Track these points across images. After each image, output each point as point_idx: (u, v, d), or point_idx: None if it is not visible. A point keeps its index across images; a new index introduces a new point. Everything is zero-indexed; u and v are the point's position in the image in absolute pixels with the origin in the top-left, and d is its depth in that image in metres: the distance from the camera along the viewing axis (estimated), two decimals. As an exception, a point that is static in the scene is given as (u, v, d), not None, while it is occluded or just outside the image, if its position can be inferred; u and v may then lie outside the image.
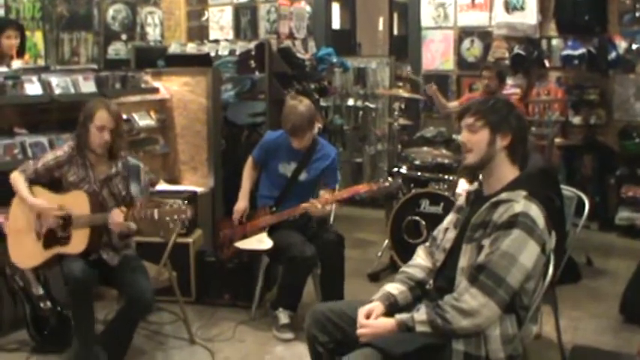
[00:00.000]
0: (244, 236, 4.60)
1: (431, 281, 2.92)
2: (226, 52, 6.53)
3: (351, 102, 8.22)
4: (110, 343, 3.81)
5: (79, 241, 3.72)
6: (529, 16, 7.20)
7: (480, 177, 2.85)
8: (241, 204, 4.69)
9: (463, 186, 5.18)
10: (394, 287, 2.90)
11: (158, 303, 4.65)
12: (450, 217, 2.97)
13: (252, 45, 6.39)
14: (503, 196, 2.65)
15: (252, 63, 6.27)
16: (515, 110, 2.82)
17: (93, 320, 3.77)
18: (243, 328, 4.60)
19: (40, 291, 4.08)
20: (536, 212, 2.60)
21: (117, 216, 3.65)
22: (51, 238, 3.81)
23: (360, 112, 8.22)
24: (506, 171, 2.75)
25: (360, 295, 4.38)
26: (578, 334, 4.45)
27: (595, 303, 5.01)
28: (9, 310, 4.33)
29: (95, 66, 6.15)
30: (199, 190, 5.48)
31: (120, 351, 3.85)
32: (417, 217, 5.41)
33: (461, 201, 2.96)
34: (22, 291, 4.13)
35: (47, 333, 4.10)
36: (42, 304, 4.07)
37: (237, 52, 6.42)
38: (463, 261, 2.68)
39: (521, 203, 2.59)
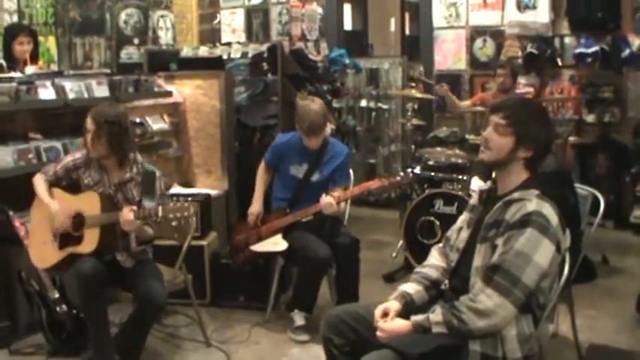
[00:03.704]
0: (260, 239, 4.60)
1: (446, 281, 2.91)
2: (238, 55, 6.52)
3: (363, 103, 8.22)
4: (124, 345, 3.82)
5: (90, 241, 3.73)
6: (541, 15, 7.17)
7: (494, 175, 2.84)
8: (255, 207, 4.70)
9: (477, 183, 5.17)
10: (410, 287, 2.90)
11: (173, 306, 4.67)
12: (464, 217, 2.97)
13: (264, 47, 6.39)
14: (516, 195, 2.65)
15: (265, 65, 6.29)
16: (547, 125, 2.77)
17: (106, 320, 3.76)
18: (258, 330, 4.61)
19: (56, 295, 4.09)
20: (549, 211, 2.59)
21: (127, 214, 3.64)
22: (66, 238, 3.83)
23: (373, 113, 8.21)
24: (521, 173, 2.74)
25: (375, 295, 4.37)
26: (595, 333, 4.43)
27: (611, 302, 4.98)
28: (25, 314, 4.35)
29: (108, 70, 6.16)
30: (213, 192, 5.50)
31: (134, 353, 3.85)
32: (432, 218, 5.40)
33: (474, 200, 2.96)
34: (37, 295, 4.15)
35: (64, 337, 4.11)
36: (58, 308, 4.07)
37: (250, 55, 6.42)
38: (477, 260, 2.67)
39: (534, 202, 2.58)
